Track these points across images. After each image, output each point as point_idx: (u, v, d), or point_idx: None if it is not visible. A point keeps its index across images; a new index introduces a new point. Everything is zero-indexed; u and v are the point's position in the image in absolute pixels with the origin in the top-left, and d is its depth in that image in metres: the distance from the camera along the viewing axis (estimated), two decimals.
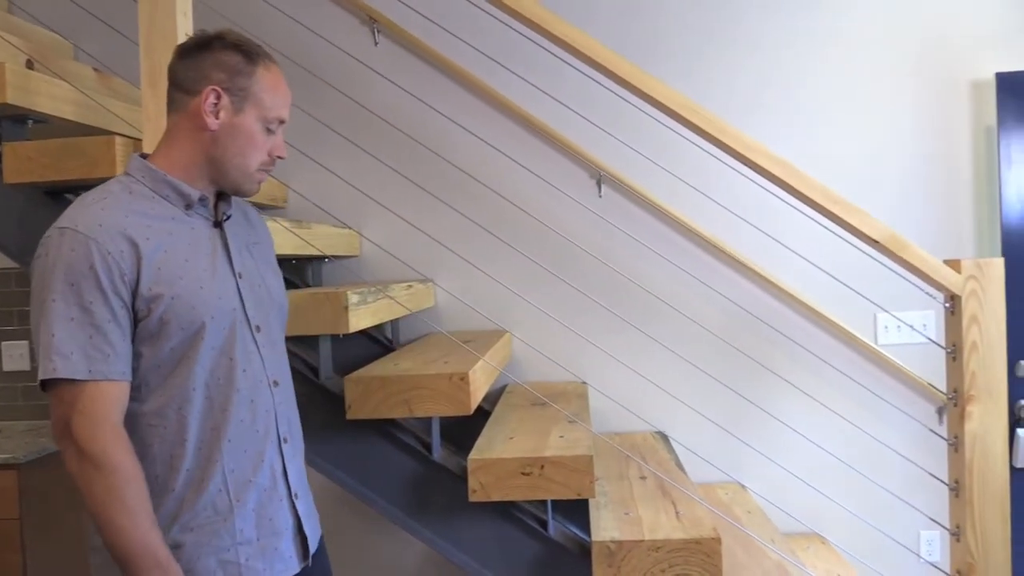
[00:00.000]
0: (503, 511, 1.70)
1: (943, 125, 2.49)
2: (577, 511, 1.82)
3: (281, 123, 1.27)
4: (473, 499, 1.59)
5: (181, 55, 1.24)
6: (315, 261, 2.45)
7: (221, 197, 1.29)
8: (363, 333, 2.29)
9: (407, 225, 2.51)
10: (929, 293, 1.75)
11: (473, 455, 1.61)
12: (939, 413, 2.46)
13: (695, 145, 1.97)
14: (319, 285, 2.46)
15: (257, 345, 1.25)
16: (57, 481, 2.39)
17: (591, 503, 1.79)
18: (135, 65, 1.58)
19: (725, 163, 1.87)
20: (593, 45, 1.60)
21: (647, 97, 1.61)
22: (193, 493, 1.16)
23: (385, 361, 1.91)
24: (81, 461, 1.08)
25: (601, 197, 2.53)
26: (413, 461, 1.73)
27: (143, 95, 1.55)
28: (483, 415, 2.07)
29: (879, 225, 1.60)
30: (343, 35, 2.54)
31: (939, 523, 2.13)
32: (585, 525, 1.74)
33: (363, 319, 1.77)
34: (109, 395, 1.10)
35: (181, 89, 1.22)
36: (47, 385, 1.10)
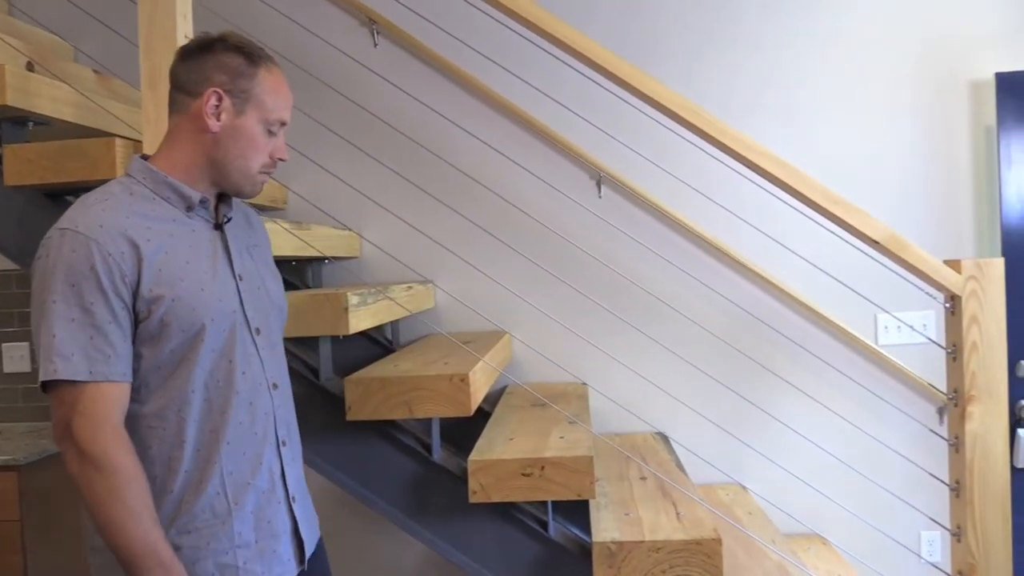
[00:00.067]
0: (503, 512, 1.70)
1: (943, 125, 2.49)
2: (577, 512, 1.82)
3: (282, 125, 1.27)
4: (473, 500, 1.59)
5: (183, 57, 1.24)
6: (315, 262, 2.45)
7: (222, 199, 1.29)
8: (363, 334, 2.29)
9: (407, 226, 2.51)
10: (929, 293, 1.75)
11: (473, 456, 1.61)
12: (939, 413, 2.45)
13: (695, 146, 1.97)
14: (319, 286, 2.46)
15: (257, 347, 1.25)
16: (57, 483, 2.40)
17: (591, 504, 1.78)
18: (135, 67, 1.58)
19: (725, 164, 1.87)
20: (592, 46, 1.60)
21: (646, 98, 1.61)
22: (191, 495, 1.16)
23: (385, 362, 1.91)
24: (82, 462, 1.08)
25: (601, 198, 2.53)
26: (413, 462, 1.73)
27: (143, 97, 1.56)
28: (483, 416, 2.06)
29: (879, 225, 1.60)
30: (342, 36, 2.54)
31: (940, 523, 2.13)
32: (585, 526, 1.74)
33: (363, 320, 1.77)
34: (110, 396, 1.10)
35: (182, 91, 1.22)
36: (48, 386, 1.10)
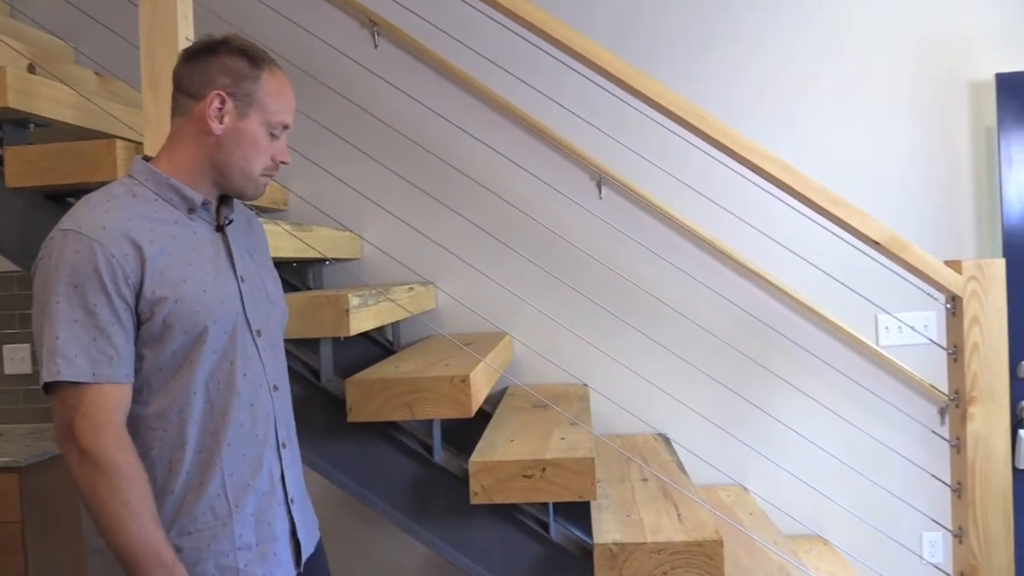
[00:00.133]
0: (504, 513, 1.70)
1: (943, 126, 2.49)
2: (579, 513, 1.82)
3: (285, 128, 1.27)
4: (474, 501, 1.59)
5: (186, 59, 1.24)
6: (316, 264, 2.45)
7: (223, 201, 1.29)
8: (364, 335, 2.29)
9: (408, 227, 2.51)
10: (930, 294, 1.75)
11: (474, 457, 1.61)
12: (941, 414, 2.45)
13: (696, 148, 1.97)
14: (320, 288, 2.46)
15: (258, 349, 1.25)
16: (58, 484, 2.40)
17: (592, 505, 1.78)
18: (136, 68, 1.58)
19: (726, 165, 1.87)
20: (593, 48, 1.60)
21: (647, 100, 1.61)
22: (192, 497, 1.16)
23: (386, 363, 1.91)
24: (84, 463, 1.08)
25: (601, 199, 2.53)
26: (414, 463, 1.73)
27: (144, 98, 1.56)
28: (484, 417, 2.06)
29: (880, 226, 1.60)
30: (343, 38, 2.55)
31: (941, 525, 2.13)
32: (587, 527, 1.74)
33: (364, 322, 1.77)
34: (112, 398, 1.10)
35: (186, 93, 1.23)
36: (50, 387, 1.10)
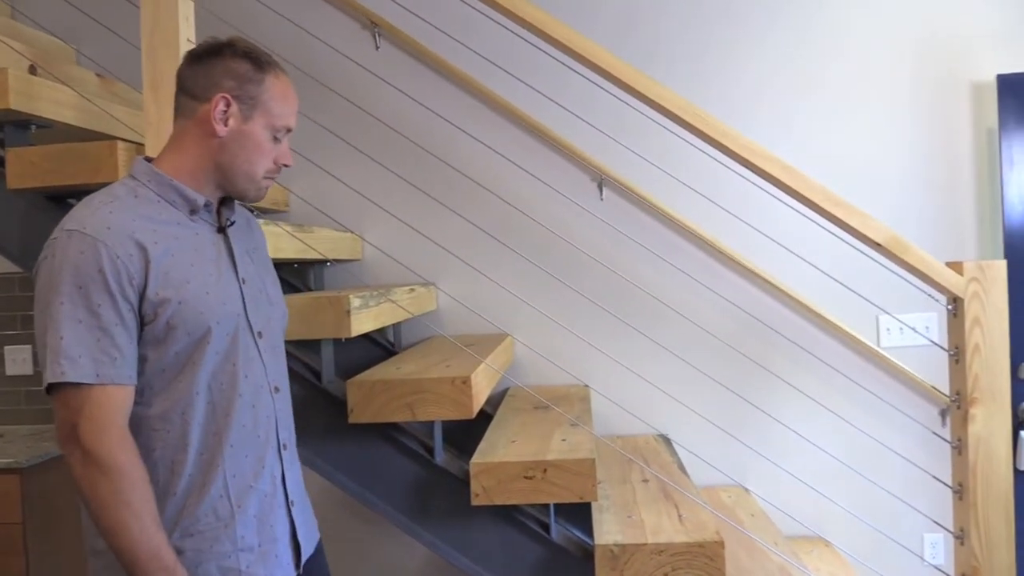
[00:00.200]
0: (506, 515, 1.70)
1: (944, 126, 2.49)
2: (580, 514, 1.82)
3: (288, 131, 1.28)
4: (475, 503, 1.59)
5: (191, 61, 1.25)
6: (317, 265, 2.45)
7: (224, 203, 1.29)
8: (365, 336, 2.29)
9: (409, 229, 2.51)
10: (931, 295, 1.75)
11: (475, 459, 1.61)
12: (942, 415, 2.45)
13: (697, 148, 1.97)
14: (321, 289, 2.47)
15: (259, 351, 1.25)
16: (60, 485, 2.40)
17: (593, 506, 1.78)
18: (137, 70, 1.58)
19: (727, 166, 1.87)
20: (594, 49, 1.60)
21: (648, 101, 1.61)
22: (194, 498, 1.16)
23: (387, 365, 1.91)
24: (87, 465, 1.08)
25: (603, 200, 2.53)
26: (415, 465, 1.73)
27: (145, 99, 1.56)
28: (485, 419, 2.06)
29: (881, 227, 1.60)
30: (344, 39, 2.55)
31: (943, 526, 2.12)
32: (588, 528, 1.74)
33: (365, 323, 1.77)
34: (115, 399, 1.10)
35: (190, 95, 1.23)
36: (52, 388, 1.10)
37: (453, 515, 1.71)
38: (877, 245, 1.60)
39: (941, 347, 1.74)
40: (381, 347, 2.35)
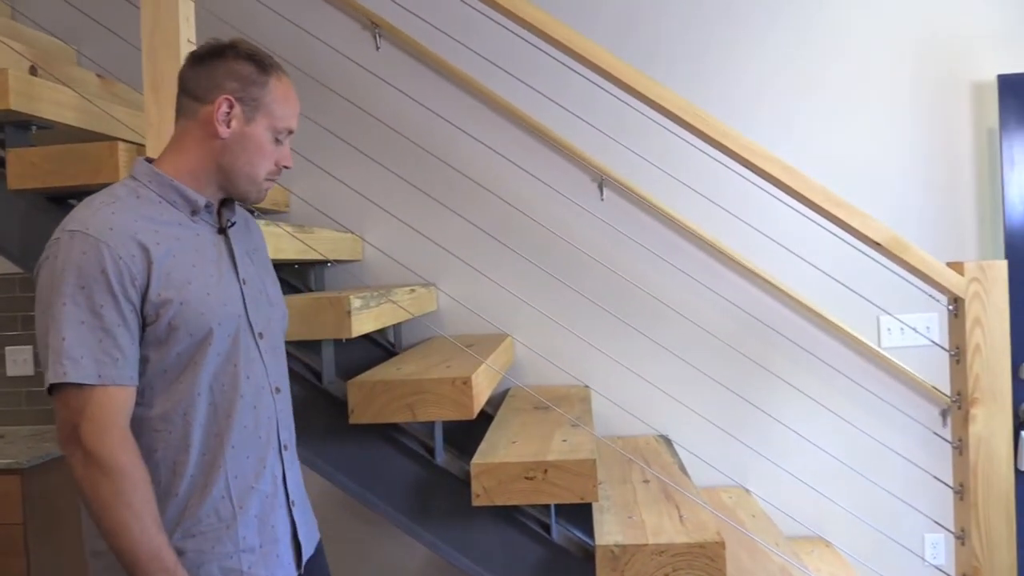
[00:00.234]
0: (506, 515, 1.70)
1: (945, 127, 2.49)
2: (580, 515, 1.82)
3: (290, 133, 1.28)
4: (476, 503, 1.59)
5: (193, 63, 1.25)
6: (318, 265, 2.45)
7: (224, 204, 1.30)
8: (366, 337, 2.29)
9: (409, 229, 2.51)
10: (932, 295, 1.75)
11: (476, 459, 1.61)
12: (943, 416, 2.45)
13: (697, 149, 1.97)
14: (322, 289, 2.47)
15: (260, 352, 1.25)
16: (60, 486, 2.40)
17: (594, 507, 1.78)
18: (138, 70, 1.58)
19: (728, 167, 1.87)
20: (594, 49, 1.60)
21: (648, 101, 1.61)
22: (196, 499, 1.16)
23: (388, 365, 1.91)
24: (88, 465, 1.08)
25: (603, 201, 2.53)
26: (416, 465, 1.73)
27: (146, 100, 1.56)
28: (486, 419, 2.06)
29: (881, 227, 1.60)
30: (344, 40, 2.55)
31: (944, 526, 2.12)
32: (589, 529, 1.74)
33: (366, 323, 1.77)
34: (117, 400, 1.10)
35: (192, 96, 1.23)
36: (54, 389, 1.10)
37: (454, 516, 1.71)
38: (878, 245, 1.60)
39: (942, 347, 1.74)
40: (382, 348, 2.35)
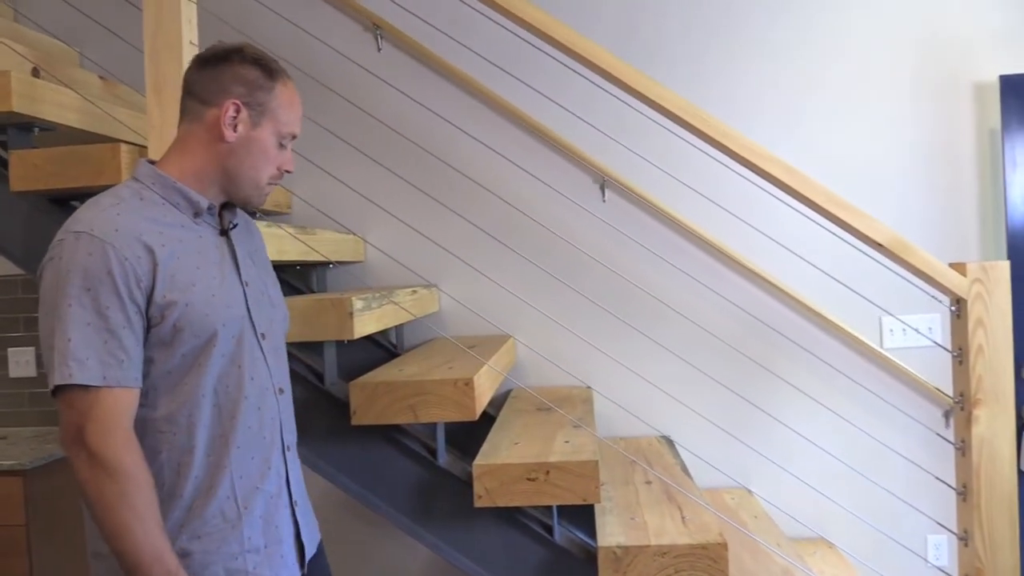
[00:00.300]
0: (508, 517, 1.70)
1: (947, 127, 2.48)
2: (583, 516, 1.82)
3: (293, 138, 1.29)
4: (478, 505, 1.59)
5: (199, 66, 1.25)
6: (320, 267, 2.45)
7: (225, 206, 1.30)
8: (368, 338, 2.29)
9: (411, 230, 2.51)
10: (934, 296, 1.74)
11: (478, 460, 1.61)
12: (946, 417, 2.45)
13: (699, 150, 1.96)
14: (324, 291, 2.47)
15: (263, 353, 1.25)
16: (63, 487, 2.40)
17: (597, 508, 1.78)
18: (140, 72, 1.59)
19: (729, 168, 1.87)
20: (595, 50, 1.60)
21: (650, 102, 1.61)
22: (202, 500, 1.16)
23: (390, 367, 1.91)
24: (92, 467, 1.07)
25: (605, 202, 2.53)
26: (418, 467, 1.73)
27: (148, 102, 1.56)
28: (488, 420, 2.06)
29: (884, 228, 1.60)
30: (346, 41, 2.55)
31: (947, 528, 2.12)
32: (591, 530, 1.74)
33: (368, 325, 1.77)
34: (122, 402, 1.10)
35: (198, 99, 1.23)
36: (58, 390, 1.09)
37: (456, 517, 1.71)
38: (880, 246, 1.60)
39: (944, 348, 1.74)
40: (384, 349, 2.36)
